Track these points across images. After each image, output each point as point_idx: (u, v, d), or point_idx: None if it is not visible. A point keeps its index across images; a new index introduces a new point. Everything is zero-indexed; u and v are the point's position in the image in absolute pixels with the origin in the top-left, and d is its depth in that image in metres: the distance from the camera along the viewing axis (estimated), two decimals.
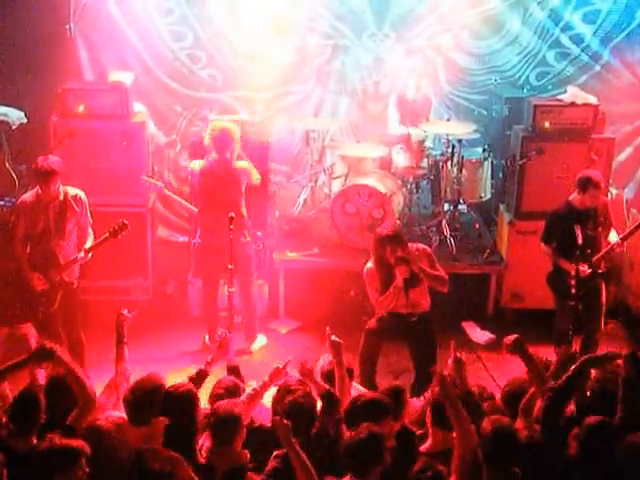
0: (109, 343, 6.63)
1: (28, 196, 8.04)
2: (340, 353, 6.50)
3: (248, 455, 5.68)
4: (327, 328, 6.63)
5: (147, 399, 5.82)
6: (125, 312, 6.57)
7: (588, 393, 6.04)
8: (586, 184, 8.20)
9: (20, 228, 7.99)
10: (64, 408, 5.79)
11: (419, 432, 6.05)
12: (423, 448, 5.82)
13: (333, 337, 6.52)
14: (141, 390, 5.87)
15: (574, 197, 8.32)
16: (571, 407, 5.93)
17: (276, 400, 6.19)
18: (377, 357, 7.96)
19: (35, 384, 6.18)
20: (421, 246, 8.01)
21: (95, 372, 7.71)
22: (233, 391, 6.27)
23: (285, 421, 5.46)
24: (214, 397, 6.21)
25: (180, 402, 5.75)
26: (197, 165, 8.93)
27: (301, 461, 5.35)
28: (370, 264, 7.92)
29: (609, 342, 8.72)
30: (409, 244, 7.89)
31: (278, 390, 6.26)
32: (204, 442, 5.74)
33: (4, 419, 5.69)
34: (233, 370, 6.85)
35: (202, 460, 5.60)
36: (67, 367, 5.85)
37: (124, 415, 5.89)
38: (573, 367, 5.76)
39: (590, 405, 5.91)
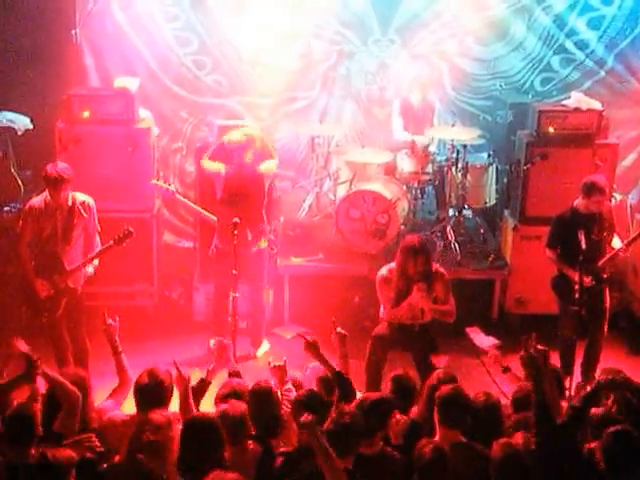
0: None
1: (36, 201, 8.04)
2: (345, 345, 6.68)
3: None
4: (332, 318, 6.86)
5: (158, 384, 6.00)
6: (110, 321, 6.63)
7: None
8: (590, 189, 8.20)
9: (27, 233, 7.99)
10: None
11: None
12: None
13: (339, 329, 6.71)
14: (153, 375, 6.04)
15: (579, 202, 8.32)
16: None
17: None
18: (384, 363, 7.93)
19: (36, 395, 6.20)
20: (441, 269, 7.96)
21: (99, 378, 7.76)
22: (239, 391, 6.31)
23: (310, 417, 5.38)
24: (220, 398, 6.28)
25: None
26: (222, 168, 8.89)
27: (330, 458, 5.22)
28: (384, 271, 7.87)
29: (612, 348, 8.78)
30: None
31: None
32: None
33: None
34: (235, 376, 6.88)
35: None
36: (50, 378, 5.99)
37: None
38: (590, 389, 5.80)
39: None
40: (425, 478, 5.27)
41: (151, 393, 5.99)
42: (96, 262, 8.09)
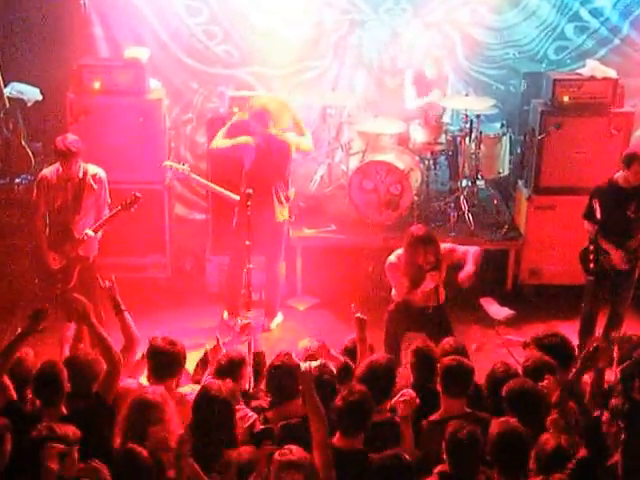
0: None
1: (48, 172, 8.02)
2: (364, 330, 6.65)
3: None
4: (352, 305, 6.80)
5: (171, 351, 6.05)
6: (106, 283, 6.58)
7: None
8: (631, 160, 7.96)
9: (41, 203, 7.97)
10: (87, 380, 5.89)
11: None
12: (435, 416, 5.85)
13: (358, 314, 6.66)
14: (168, 341, 6.09)
15: (619, 174, 8.11)
16: None
17: None
18: (402, 336, 7.86)
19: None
20: (446, 246, 7.86)
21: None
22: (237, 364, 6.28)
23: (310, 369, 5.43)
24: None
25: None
26: (249, 140, 8.81)
27: (319, 411, 5.29)
28: (393, 258, 7.78)
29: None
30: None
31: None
32: None
33: (29, 394, 5.80)
34: (258, 356, 6.89)
35: None
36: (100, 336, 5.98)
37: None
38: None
39: None
40: (459, 458, 5.22)
41: (165, 357, 6.05)
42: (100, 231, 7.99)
